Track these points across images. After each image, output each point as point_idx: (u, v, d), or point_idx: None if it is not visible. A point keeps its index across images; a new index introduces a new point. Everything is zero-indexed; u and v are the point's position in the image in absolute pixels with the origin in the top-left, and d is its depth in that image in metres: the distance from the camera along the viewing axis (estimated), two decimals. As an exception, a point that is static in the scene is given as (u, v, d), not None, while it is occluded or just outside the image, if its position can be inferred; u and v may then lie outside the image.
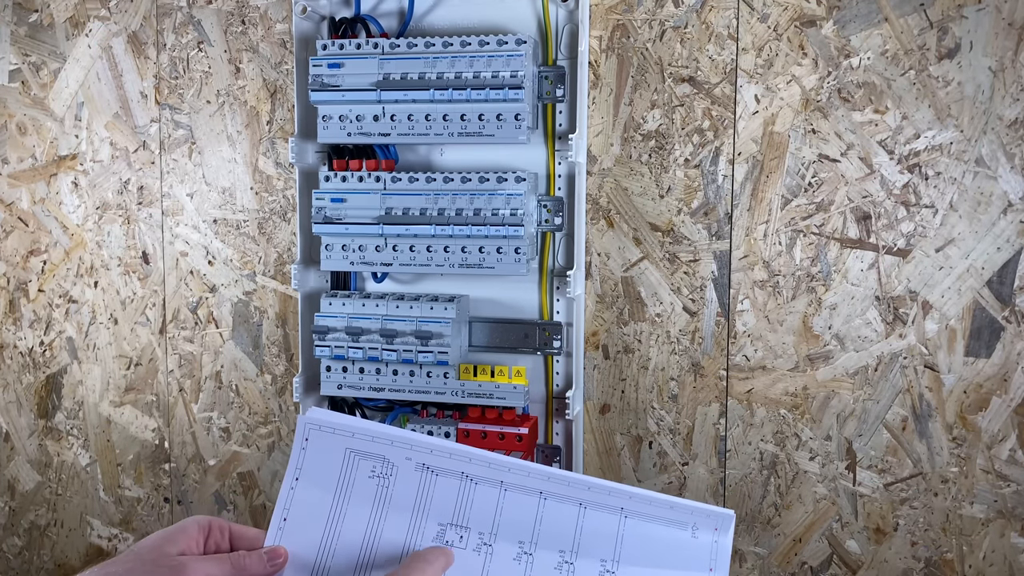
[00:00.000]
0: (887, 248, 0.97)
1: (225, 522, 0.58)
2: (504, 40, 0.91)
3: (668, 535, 0.58)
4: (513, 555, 0.58)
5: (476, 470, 0.59)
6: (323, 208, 0.97)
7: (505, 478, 0.59)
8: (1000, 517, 0.97)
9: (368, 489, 0.60)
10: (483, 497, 0.59)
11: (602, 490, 0.58)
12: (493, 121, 0.92)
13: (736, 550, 1.05)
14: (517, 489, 0.59)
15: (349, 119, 0.95)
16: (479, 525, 0.59)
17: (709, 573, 0.57)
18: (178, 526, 0.56)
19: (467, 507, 0.59)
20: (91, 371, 1.24)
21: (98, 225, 1.21)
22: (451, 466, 0.60)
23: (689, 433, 1.04)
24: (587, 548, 0.58)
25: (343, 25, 0.98)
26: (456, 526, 0.59)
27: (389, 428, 0.62)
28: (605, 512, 0.58)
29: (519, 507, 0.59)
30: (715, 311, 1.02)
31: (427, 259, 0.95)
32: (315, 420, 0.60)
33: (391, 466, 0.60)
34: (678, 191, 1.02)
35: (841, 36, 0.96)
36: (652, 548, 0.58)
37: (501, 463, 0.59)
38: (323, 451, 0.60)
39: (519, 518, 0.59)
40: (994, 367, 0.95)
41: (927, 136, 0.94)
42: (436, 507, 0.59)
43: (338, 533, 0.59)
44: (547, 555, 0.58)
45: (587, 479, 0.59)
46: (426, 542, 0.58)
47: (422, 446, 0.60)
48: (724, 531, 0.57)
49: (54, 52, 1.20)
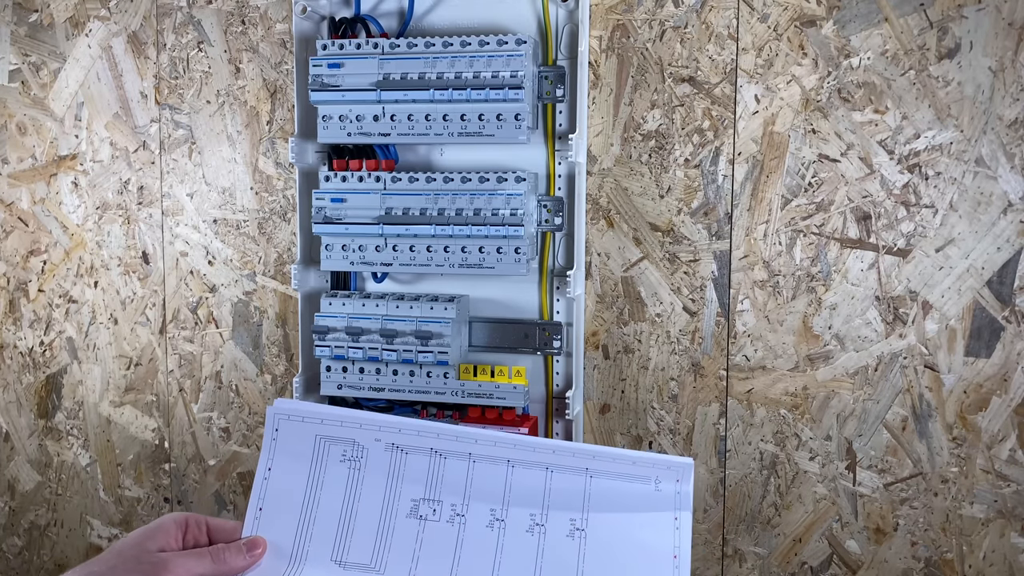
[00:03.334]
0: (887, 248, 0.97)
1: (202, 517, 0.59)
2: (504, 40, 0.91)
3: (632, 490, 0.60)
4: (486, 522, 0.60)
5: (444, 445, 0.62)
6: (323, 208, 0.97)
7: (473, 450, 0.62)
8: (1000, 517, 0.97)
9: (340, 473, 0.62)
10: (453, 470, 0.61)
11: (566, 452, 0.61)
12: (493, 121, 0.92)
13: (736, 550, 1.05)
14: (485, 460, 0.62)
15: (349, 119, 0.95)
16: (451, 497, 0.61)
17: (674, 521, 0.59)
18: (156, 524, 0.57)
19: (438, 481, 0.61)
20: (91, 371, 1.24)
21: (98, 225, 1.21)
22: (420, 443, 0.62)
23: (689, 433, 1.04)
24: (556, 508, 0.60)
25: (343, 25, 0.98)
26: (429, 500, 0.61)
27: (357, 412, 0.64)
28: (571, 473, 0.61)
29: (488, 476, 0.61)
30: (715, 311, 1.02)
31: (427, 259, 0.95)
32: (284, 410, 0.62)
33: (361, 449, 0.62)
34: (678, 191, 1.02)
35: (841, 36, 0.96)
36: (618, 503, 0.60)
37: (467, 435, 0.62)
38: (294, 440, 0.62)
39: (489, 487, 0.61)
40: (994, 367, 0.95)
41: (927, 136, 0.94)
42: (408, 484, 0.61)
43: (314, 518, 0.61)
44: (518, 519, 0.60)
45: (551, 443, 0.62)
46: (400, 519, 0.60)
47: (390, 426, 0.62)
48: (685, 480, 0.60)
49: (54, 52, 1.20)
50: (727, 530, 1.05)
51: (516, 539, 0.60)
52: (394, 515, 0.60)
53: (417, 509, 0.61)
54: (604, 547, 0.59)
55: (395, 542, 0.60)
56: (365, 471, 0.61)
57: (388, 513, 0.61)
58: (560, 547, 0.59)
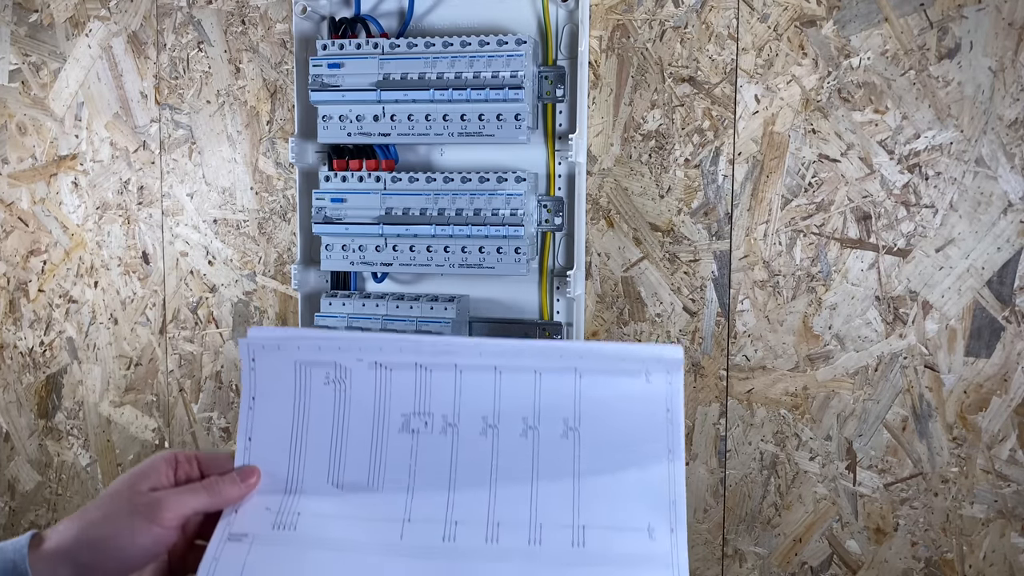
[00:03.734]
0: (887, 248, 0.97)
1: (191, 452, 0.58)
2: (504, 40, 0.91)
3: (623, 385, 0.60)
4: (479, 430, 0.60)
5: (428, 358, 0.61)
6: (323, 208, 0.97)
7: (458, 360, 0.61)
8: (1000, 517, 0.97)
9: (326, 396, 0.60)
10: (440, 382, 0.61)
11: (553, 353, 0.60)
12: (493, 121, 0.92)
13: (736, 550, 1.05)
14: (472, 369, 0.61)
15: (349, 119, 0.95)
16: (441, 408, 0.60)
17: (666, 413, 0.59)
18: (147, 463, 0.55)
19: (426, 394, 0.60)
20: (91, 371, 1.24)
21: (98, 225, 1.21)
22: (403, 359, 0.61)
23: (689, 433, 1.04)
24: (548, 411, 0.60)
25: (343, 25, 0.98)
26: (419, 414, 0.60)
27: (334, 333, 0.63)
28: (560, 375, 0.60)
29: (477, 385, 0.60)
30: (715, 311, 1.02)
31: (427, 259, 0.95)
32: (257, 339, 0.61)
33: (344, 370, 0.61)
34: (678, 191, 1.02)
35: (841, 36, 0.96)
36: (609, 399, 0.60)
37: (451, 345, 0.61)
38: (273, 368, 0.61)
39: (478, 395, 0.60)
40: (994, 367, 0.95)
41: (927, 136, 0.94)
42: (396, 400, 0.60)
43: (305, 443, 0.60)
44: (510, 424, 0.60)
45: (537, 344, 0.61)
46: (392, 435, 0.59)
47: (370, 344, 0.61)
48: (675, 371, 0.59)
49: (54, 52, 1.20)
50: (727, 530, 1.05)
51: (511, 444, 0.59)
52: (386, 432, 0.60)
53: (408, 424, 0.60)
54: (598, 443, 0.59)
55: (390, 458, 0.59)
56: (351, 392, 0.60)
57: (379, 431, 0.60)
58: (555, 447, 0.59)
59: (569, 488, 0.58)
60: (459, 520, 0.57)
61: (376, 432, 0.60)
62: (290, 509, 0.57)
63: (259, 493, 0.58)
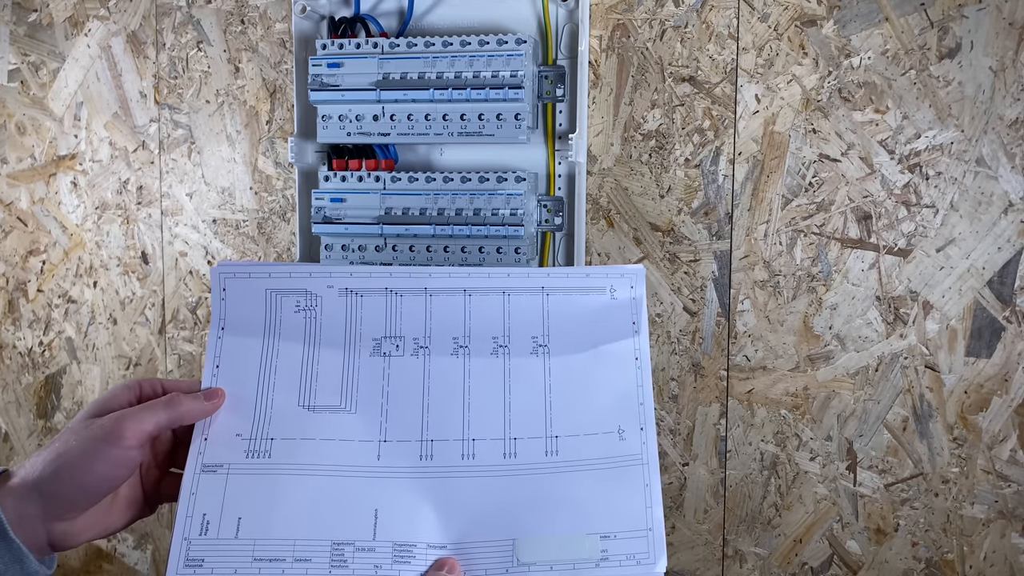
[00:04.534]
0: (888, 248, 0.97)
1: (157, 380, 0.57)
2: (504, 40, 0.91)
3: (589, 301, 0.62)
4: (450, 351, 0.61)
5: (398, 283, 0.62)
6: (323, 208, 0.97)
7: (428, 284, 0.62)
8: (1001, 517, 0.97)
9: (297, 323, 0.61)
10: (410, 306, 0.62)
11: (521, 274, 0.63)
12: (493, 121, 0.92)
13: (736, 550, 1.04)
14: (442, 292, 0.62)
15: (349, 119, 0.95)
16: (412, 332, 0.61)
17: (632, 326, 0.61)
18: (107, 393, 0.54)
19: (397, 319, 0.61)
20: (90, 371, 1.23)
21: (97, 225, 1.21)
22: (373, 284, 0.62)
23: (689, 433, 1.04)
24: (517, 329, 0.61)
25: (343, 25, 0.98)
26: (389, 338, 0.61)
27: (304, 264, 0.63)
28: (527, 295, 0.62)
29: (446, 308, 0.62)
30: (715, 311, 1.02)
31: (427, 259, 0.95)
32: (228, 269, 0.61)
33: (315, 297, 0.61)
34: (678, 191, 1.02)
35: (841, 36, 0.96)
36: (576, 315, 0.61)
37: (420, 271, 0.62)
38: (243, 297, 0.61)
39: (448, 318, 0.61)
40: (995, 367, 0.95)
41: (928, 136, 0.94)
42: (367, 325, 0.61)
43: (275, 368, 0.60)
44: (481, 344, 0.61)
45: (505, 269, 0.63)
46: (364, 359, 0.60)
47: (341, 272, 0.62)
48: (639, 284, 0.62)
49: (53, 52, 1.20)
50: (727, 530, 1.05)
51: (482, 362, 0.60)
52: (357, 356, 0.60)
53: (380, 347, 0.60)
54: (567, 359, 0.60)
55: (362, 381, 0.60)
56: (321, 318, 0.61)
57: (351, 355, 0.60)
58: (525, 365, 0.60)
59: (541, 401, 0.59)
60: (435, 439, 0.58)
61: (347, 357, 0.60)
62: (262, 435, 0.57)
63: (229, 418, 0.57)
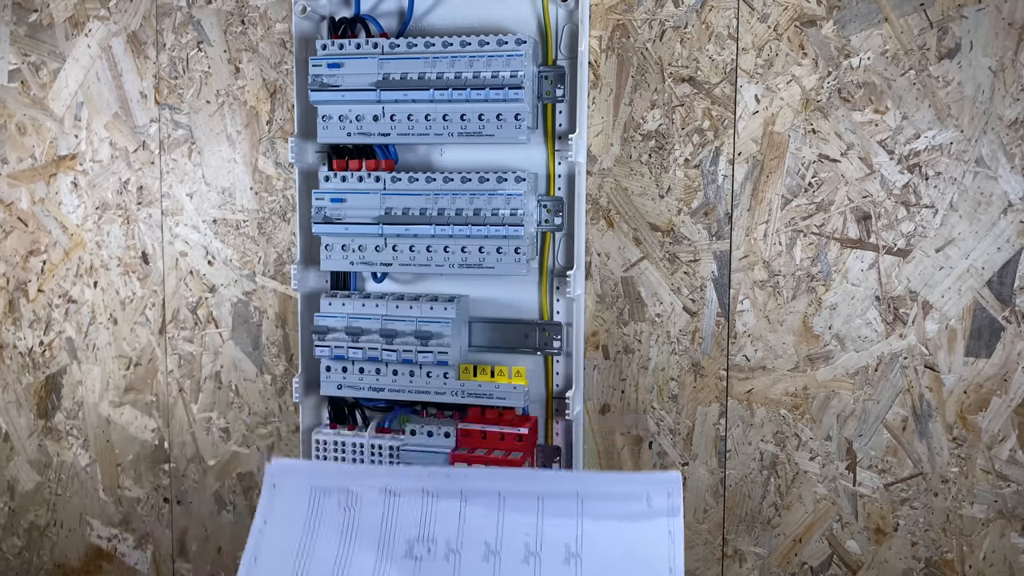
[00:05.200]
0: (887, 248, 0.97)
1: None
2: (504, 40, 0.91)
3: (624, 509, 0.61)
4: (481, 555, 0.60)
5: (435, 484, 0.63)
6: (323, 208, 0.97)
7: (464, 486, 0.63)
8: (1000, 517, 0.97)
9: (336, 520, 0.62)
10: (445, 509, 0.62)
11: (556, 479, 0.63)
12: (493, 121, 0.92)
13: (736, 550, 1.04)
14: (477, 495, 0.62)
15: (349, 119, 0.95)
16: (444, 534, 0.61)
17: (668, 535, 0.60)
18: None
19: (431, 521, 0.62)
20: (91, 371, 1.24)
21: (98, 225, 1.21)
22: (411, 485, 0.63)
23: (689, 433, 1.04)
24: (551, 536, 0.61)
25: (343, 25, 0.98)
26: (423, 540, 0.61)
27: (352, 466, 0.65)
28: (562, 500, 0.62)
29: (481, 512, 0.62)
30: (715, 311, 1.02)
31: (427, 259, 0.95)
32: (282, 467, 0.64)
33: (355, 496, 0.63)
34: (678, 191, 1.02)
35: (841, 36, 0.96)
36: (611, 524, 0.61)
37: (458, 472, 0.63)
38: (290, 492, 0.63)
39: (482, 522, 0.61)
40: (994, 367, 0.95)
41: (927, 136, 0.94)
42: (401, 526, 0.62)
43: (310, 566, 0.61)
44: (513, 550, 0.60)
45: (541, 472, 0.63)
46: (396, 561, 0.61)
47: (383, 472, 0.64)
48: (676, 493, 0.61)
49: (53, 52, 1.20)
50: (727, 530, 1.05)
51: (512, 570, 0.60)
52: (390, 557, 0.61)
53: (412, 550, 0.61)
54: (600, 569, 0.59)
55: None
56: (359, 517, 0.62)
57: (384, 556, 0.61)
58: (557, 573, 0.59)
59: None
60: None
61: (379, 558, 0.61)
62: None
63: None
